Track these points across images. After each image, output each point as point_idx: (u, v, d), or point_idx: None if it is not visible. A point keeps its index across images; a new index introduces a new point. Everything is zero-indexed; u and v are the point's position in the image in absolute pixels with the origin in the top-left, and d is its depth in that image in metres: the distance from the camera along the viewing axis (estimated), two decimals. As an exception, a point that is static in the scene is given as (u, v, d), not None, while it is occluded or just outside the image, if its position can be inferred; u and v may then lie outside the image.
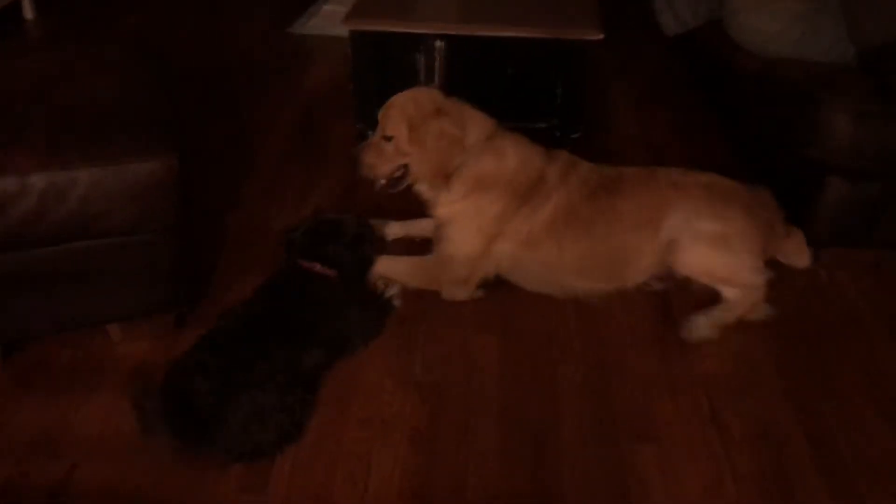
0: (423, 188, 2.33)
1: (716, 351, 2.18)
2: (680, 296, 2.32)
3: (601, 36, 2.65)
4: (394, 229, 2.53)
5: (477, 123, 2.27)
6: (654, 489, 1.79)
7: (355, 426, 1.93)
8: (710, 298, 2.25)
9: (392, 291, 2.30)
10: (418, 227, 2.52)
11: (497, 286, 2.35)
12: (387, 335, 2.19)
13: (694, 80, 3.61)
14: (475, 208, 2.27)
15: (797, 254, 2.37)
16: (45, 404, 1.95)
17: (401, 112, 2.23)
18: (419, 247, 2.47)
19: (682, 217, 2.21)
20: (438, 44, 2.70)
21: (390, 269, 2.33)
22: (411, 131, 2.21)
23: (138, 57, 2.25)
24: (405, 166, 2.28)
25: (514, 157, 2.27)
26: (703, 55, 3.28)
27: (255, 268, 2.34)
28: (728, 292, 2.22)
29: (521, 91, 2.79)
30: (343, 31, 2.79)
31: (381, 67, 2.81)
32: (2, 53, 2.21)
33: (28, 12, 4.14)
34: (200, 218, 2.56)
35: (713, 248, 2.20)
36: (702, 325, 2.19)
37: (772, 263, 2.32)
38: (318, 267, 2.13)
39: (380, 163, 2.28)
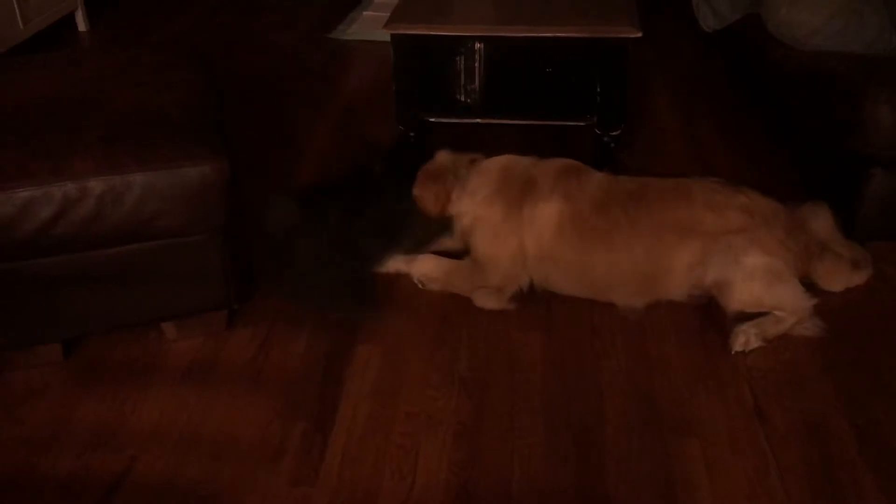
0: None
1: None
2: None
3: (639, 34, 2.66)
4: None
5: (462, 161, 2.43)
6: (699, 484, 1.80)
7: (402, 420, 1.96)
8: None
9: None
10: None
11: (539, 283, 2.37)
12: (431, 331, 2.23)
13: (733, 75, 3.59)
14: (482, 216, 2.33)
15: (832, 277, 2.30)
16: (104, 399, 2.02)
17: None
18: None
19: (726, 255, 2.15)
20: (478, 45, 2.73)
21: (433, 269, 2.37)
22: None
23: (187, 62, 2.31)
24: None
25: (496, 165, 2.39)
26: (741, 50, 3.26)
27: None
28: (779, 312, 2.19)
29: (560, 90, 2.81)
30: (383, 35, 2.84)
31: (422, 70, 2.85)
32: (57, 63, 2.28)
33: (81, 24, 4.27)
34: (248, 219, 2.62)
35: (763, 283, 2.15)
36: (750, 337, 2.16)
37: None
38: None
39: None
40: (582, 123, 2.85)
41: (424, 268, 2.37)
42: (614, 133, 2.82)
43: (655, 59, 3.83)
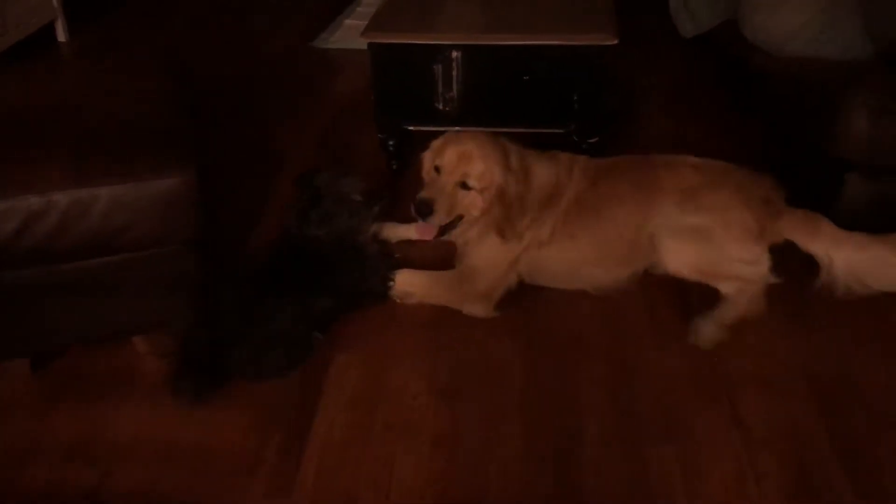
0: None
1: (739, 350, 2.18)
2: (702, 294, 2.29)
3: (616, 41, 2.67)
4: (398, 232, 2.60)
5: (515, 154, 2.33)
6: (676, 490, 1.80)
7: (381, 429, 1.96)
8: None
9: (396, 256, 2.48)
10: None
11: (520, 290, 2.37)
12: (410, 340, 2.22)
13: (714, 80, 3.60)
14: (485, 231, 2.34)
15: (805, 232, 2.20)
16: (77, 414, 2.00)
17: (488, 164, 2.25)
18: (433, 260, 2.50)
19: (662, 210, 2.22)
20: (455, 54, 2.73)
21: (410, 283, 2.35)
22: (499, 191, 2.26)
23: (161, 73, 2.30)
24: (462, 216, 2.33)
25: (539, 176, 2.34)
26: (720, 56, 3.28)
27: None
28: (724, 288, 2.19)
29: (537, 98, 2.81)
30: (364, 44, 2.83)
31: (401, 78, 2.85)
32: (31, 73, 2.27)
33: (61, 35, 4.25)
34: (226, 230, 2.61)
35: (692, 242, 2.18)
36: (704, 329, 2.18)
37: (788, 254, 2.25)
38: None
39: (446, 209, 2.27)
40: (560, 131, 2.85)
41: (401, 282, 2.34)
42: (592, 141, 2.82)
43: (641, 64, 3.83)
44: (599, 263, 2.33)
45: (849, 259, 2.14)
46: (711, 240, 2.16)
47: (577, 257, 2.33)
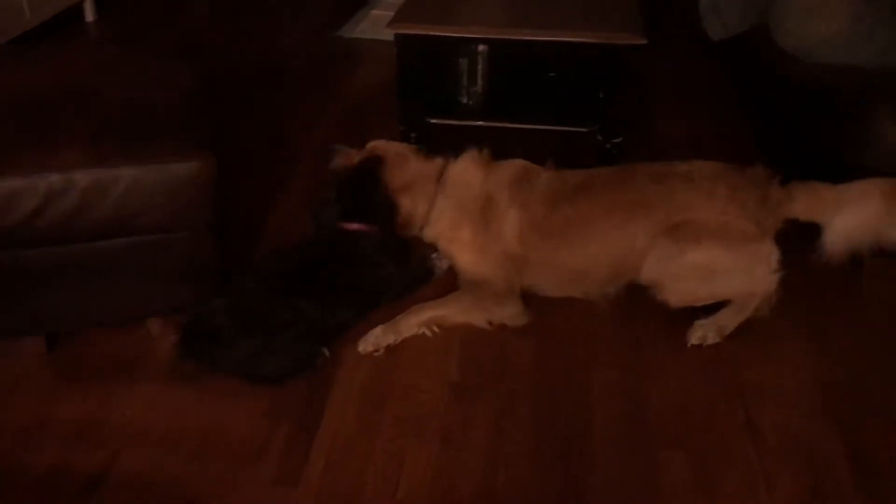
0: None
1: (753, 356, 2.15)
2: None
3: (644, 41, 2.64)
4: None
5: (423, 173, 2.32)
6: (685, 499, 1.77)
7: (390, 424, 1.95)
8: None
9: (435, 255, 2.38)
10: None
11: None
12: (423, 336, 2.20)
13: (739, 85, 3.55)
14: (454, 239, 2.30)
15: (813, 209, 2.13)
16: (87, 394, 2.01)
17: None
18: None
19: (659, 252, 2.13)
20: (481, 47, 2.71)
21: (437, 314, 2.23)
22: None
23: (183, 61, 2.30)
24: None
25: (454, 184, 2.31)
26: (748, 60, 3.23)
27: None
28: (732, 298, 2.17)
29: (562, 95, 2.79)
30: (390, 34, 2.82)
31: (425, 70, 2.83)
32: (56, 53, 2.28)
33: (89, 14, 4.26)
34: (243, 217, 2.61)
35: (696, 280, 2.13)
36: (708, 333, 2.17)
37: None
38: (353, 225, 2.25)
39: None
40: (584, 130, 2.82)
41: (426, 317, 2.22)
42: (616, 140, 2.80)
43: (660, 67, 3.79)
44: (584, 282, 2.27)
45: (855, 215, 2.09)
46: (715, 271, 2.13)
47: (558, 275, 2.28)
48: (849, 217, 2.10)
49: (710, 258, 2.11)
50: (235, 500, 1.77)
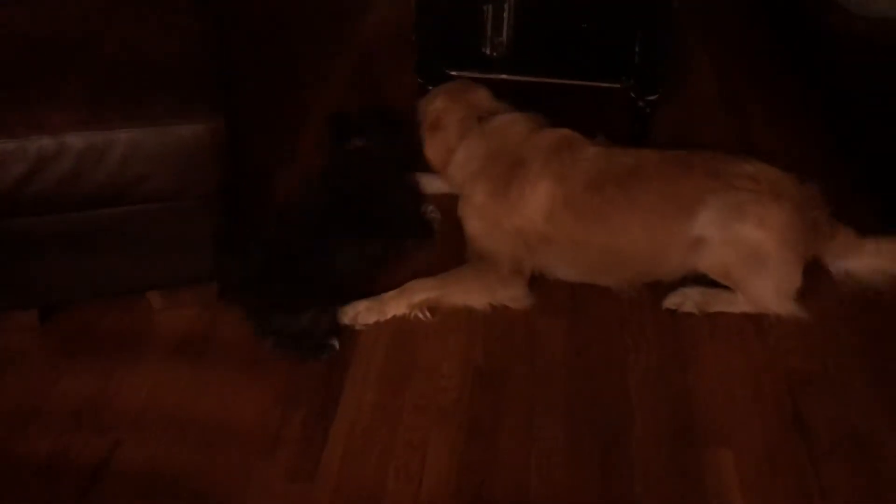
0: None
1: (800, 345, 2.00)
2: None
3: (686, -11, 2.44)
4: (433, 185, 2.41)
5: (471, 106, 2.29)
6: (732, 501, 1.65)
7: (411, 412, 1.82)
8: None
9: (431, 208, 2.34)
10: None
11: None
12: (443, 313, 2.05)
13: (780, 42, 3.33)
14: (467, 195, 2.18)
15: (844, 256, 2.11)
16: (87, 373, 1.87)
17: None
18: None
19: (719, 213, 1.98)
20: (508, -7, 2.51)
21: (432, 294, 2.06)
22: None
23: (191, 6, 2.09)
24: None
25: (490, 134, 2.22)
26: (791, 14, 3.03)
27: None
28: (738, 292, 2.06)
29: (595, 48, 2.60)
30: (408, -24, 2.62)
31: (447, 19, 2.63)
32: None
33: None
34: (249, 177, 2.44)
35: (741, 258, 1.99)
36: (686, 301, 2.07)
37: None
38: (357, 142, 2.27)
39: None
40: (617, 85, 2.63)
41: (415, 299, 2.05)
42: (651, 98, 2.60)
43: (695, 20, 3.55)
44: (609, 272, 2.12)
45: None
46: (763, 266, 2.00)
47: (582, 261, 2.12)
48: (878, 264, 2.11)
49: (761, 246, 1.98)
50: (248, 496, 1.64)
